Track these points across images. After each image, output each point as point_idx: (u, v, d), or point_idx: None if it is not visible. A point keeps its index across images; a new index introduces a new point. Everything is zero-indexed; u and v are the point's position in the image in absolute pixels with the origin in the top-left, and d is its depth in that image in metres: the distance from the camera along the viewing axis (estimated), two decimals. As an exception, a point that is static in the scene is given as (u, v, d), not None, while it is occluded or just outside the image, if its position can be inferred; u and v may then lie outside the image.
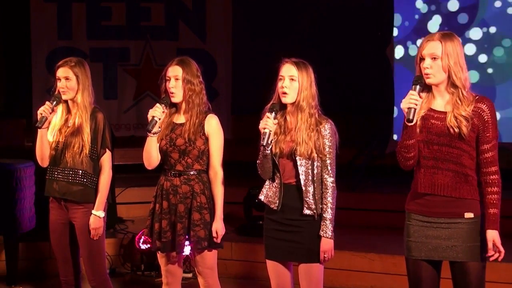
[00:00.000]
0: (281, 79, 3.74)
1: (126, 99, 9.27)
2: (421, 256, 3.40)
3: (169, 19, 9.27)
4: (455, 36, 3.32)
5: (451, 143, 3.29)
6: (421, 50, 3.31)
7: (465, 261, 3.33)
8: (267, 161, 3.74)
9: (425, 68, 3.29)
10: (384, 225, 6.58)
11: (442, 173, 3.33)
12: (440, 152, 3.32)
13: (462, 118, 3.26)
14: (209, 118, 4.00)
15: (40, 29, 8.92)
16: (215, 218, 3.98)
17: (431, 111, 3.34)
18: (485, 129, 3.29)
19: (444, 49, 3.26)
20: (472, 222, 3.33)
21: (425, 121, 3.34)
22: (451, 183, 3.32)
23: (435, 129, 3.32)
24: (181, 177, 3.98)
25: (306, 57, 3.86)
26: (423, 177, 3.36)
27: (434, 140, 3.32)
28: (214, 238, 3.97)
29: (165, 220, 3.98)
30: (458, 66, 3.27)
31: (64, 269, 4.35)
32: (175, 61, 4.00)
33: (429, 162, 3.34)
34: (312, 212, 3.72)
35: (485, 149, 3.31)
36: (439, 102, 3.35)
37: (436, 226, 3.36)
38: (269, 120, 3.62)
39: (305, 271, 3.78)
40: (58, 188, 4.23)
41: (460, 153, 3.30)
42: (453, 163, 3.31)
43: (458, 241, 3.32)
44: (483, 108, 3.29)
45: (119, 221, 6.86)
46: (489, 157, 3.31)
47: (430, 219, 3.37)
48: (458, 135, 3.28)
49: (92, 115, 4.22)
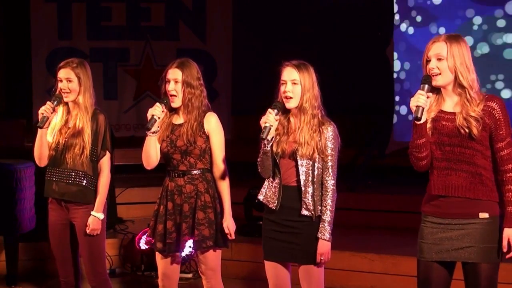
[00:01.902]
0: (283, 84, 3.73)
1: (126, 99, 9.26)
2: (432, 257, 3.37)
3: (169, 19, 9.27)
4: (462, 38, 3.32)
5: (462, 144, 3.29)
6: (427, 52, 3.32)
7: (478, 262, 3.30)
8: (267, 159, 3.73)
9: (431, 69, 3.29)
10: (384, 225, 6.58)
11: (456, 174, 3.31)
12: (452, 153, 3.31)
13: (472, 118, 3.26)
14: (208, 116, 3.99)
15: (40, 29, 8.91)
16: (224, 214, 3.99)
17: (441, 112, 3.34)
18: (498, 127, 3.28)
19: (450, 50, 3.27)
20: (487, 222, 3.30)
21: (435, 122, 3.33)
22: (465, 184, 3.30)
23: (446, 130, 3.31)
24: (185, 176, 3.98)
25: (306, 57, 3.85)
26: (437, 179, 3.35)
27: (446, 141, 3.31)
28: (227, 235, 3.98)
29: (170, 221, 3.98)
30: (465, 67, 3.27)
31: (64, 269, 4.34)
32: (176, 63, 3.99)
33: (442, 163, 3.33)
34: (310, 213, 3.72)
35: (500, 147, 3.29)
36: (448, 103, 3.35)
37: (450, 228, 3.33)
38: (270, 116, 3.63)
39: (305, 272, 3.77)
40: (58, 189, 4.23)
41: (473, 153, 3.29)
42: (466, 163, 3.30)
43: (471, 242, 3.30)
44: (493, 107, 3.28)
45: (119, 222, 6.86)
46: (504, 154, 3.29)
47: (444, 220, 3.35)
48: (468, 135, 3.26)
49: (94, 116, 4.22)
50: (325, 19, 8.88)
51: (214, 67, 9.21)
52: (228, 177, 4.03)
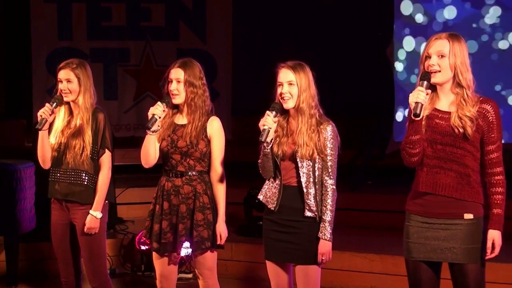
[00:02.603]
0: (280, 86, 3.73)
1: (126, 99, 9.26)
2: (420, 257, 3.40)
3: (169, 19, 9.26)
4: (462, 38, 3.34)
5: (455, 143, 3.30)
6: (428, 48, 3.32)
7: (464, 263, 3.32)
8: (267, 160, 3.74)
9: (431, 65, 3.29)
10: (384, 225, 6.58)
11: (444, 173, 3.32)
12: (443, 152, 3.32)
13: (467, 118, 3.27)
14: (211, 121, 4.00)
15: (40, 30, 8.90)
16: (218, 220, 3.98)
17: (435, 111, 3.35)
18: (490, 130, 3.30)
19: (452, 48, 3.28)
20: (471, 223, 3.32)
21: (429, 120, 3.34)
22: (453, 184, 3.32)
23: (439, 129, 3.32)
24: (183, 177, 3.98)
25: (305, 57, 3.86)
26: (425, 176, 3.36)
27: (438, 140, 3.32)
28: (218, 240, 3.97)
29: (166, 221, 3.97)
30: (465, 66, 3.29)
31: (65, 270, 4.35)
32: (178, 63, 3.99)
33: (432, 161, 3.34)
34: (313, 214, 3.72)
35: (490, 149, 3.31)
36: (443, 102, 3.36)
37: (435, 227, 3.35)
38: (269, 118, 3.63)
39: (301, 272, 3.77)
40: (60, 189, 4.23)
41: (464, 154, 3.30)
42: (457, 163, 3.31)
43: (457, 242, 3.32)
44: (487, 109, 3.29)
45: (119, 222, 6.86)
46: (494, 157, 3.32)
47: (429, 219, 3.37)
48: (462, 135, 3.28)
49: (93, 115, 4.22)
50: (325, 19, 8.88)
51: (214, 67, 9.21)
52: (225, 182, 4.03)
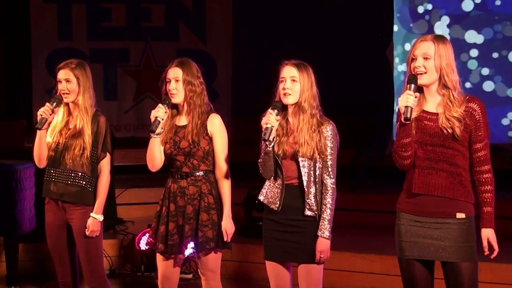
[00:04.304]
0: (282, 81, 3.74)
1: (126, 100, 9.27)
2: (414, 255, 3.41)
3: (169, 20, 9.27)
4: (447, 39, 3.38)
5: (444, 144, 3.32)
6: (413, 50, 3.36)
7: (457, 261, 3.33)
8: (268, 159, 3.74)
9: (416, 67, 3.32)
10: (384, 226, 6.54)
11: (436, 174, 3.35)
12: (434, 152, 3.34)
13: (455, 119, 3.30)
14: (211, 118, 4.00)
15: (40, 30, 8.91)
16: (224, 216, 3.98)
17: (423, 112, 3.38)
18: (477, 128, 3.33)
19: (437, 50, 3.31)
20: (463, 222, 3.34)
21: (418, 122, 3.37)
22: (445, 184, 3.34)
23: (428, 130, 3.35)
24: (188, 178, 3.98)
25: (305, 57, 3.86)
26: (418, 177, 3.38)
27: (428, 141, 3.35)
28: (224, 237, 3.96)
29: (172, 223, 3.97)
30: (450, 68, 3.32)
31: (62, 270, 4.34)
32: (175, 62, 3.99)
33: (423, 162, 3.37)
34: (313, 213, 3.72)
35: (478, 148, 3.35)
36: (430, 103, 3.39)
37: (427, 226, 3.38)
38: (271, 116, 3.63)
39: (304, 271, 3.78)
40: (56, 189, 4.23)
41: (454, 153, 3.33)
42: (447, 163, 3.34)
43: (449, 241, 3.34)
44: (474, 108, 3.33)
45: (119, 222, 6.86)
46: (481, 155, 3.35)
47: (421, 218, 3.39)
48: (451, 135, 3.31)
49: (94, 118, 4.22)
50: (325, 19, 8.89)
51: (214, 67, 9.22)
52: (230, 179, 4.03)
